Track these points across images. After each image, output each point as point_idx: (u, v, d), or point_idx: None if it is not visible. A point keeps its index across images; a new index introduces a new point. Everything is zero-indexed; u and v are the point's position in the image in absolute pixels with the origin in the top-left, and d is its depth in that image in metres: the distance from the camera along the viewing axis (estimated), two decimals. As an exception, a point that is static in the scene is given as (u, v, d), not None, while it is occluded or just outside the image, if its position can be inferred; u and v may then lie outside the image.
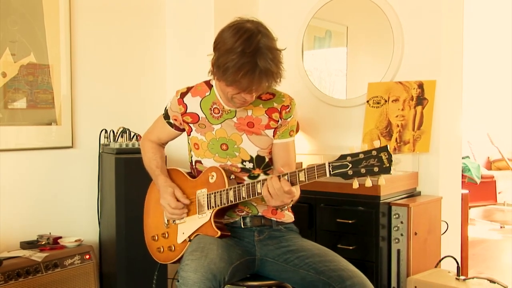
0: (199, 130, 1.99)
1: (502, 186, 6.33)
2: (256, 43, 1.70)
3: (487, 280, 2.37)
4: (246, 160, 1.96)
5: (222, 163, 1.96)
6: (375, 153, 1.58)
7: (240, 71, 1.69)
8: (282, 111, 1.95)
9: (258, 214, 1.97)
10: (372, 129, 3.00)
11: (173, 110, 2.03)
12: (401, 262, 2.54)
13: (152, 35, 3.37)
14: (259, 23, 1.78)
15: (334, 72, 3.43)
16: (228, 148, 1.96)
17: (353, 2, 3.18)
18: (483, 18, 6.68)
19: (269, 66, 1.70)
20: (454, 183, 3.08)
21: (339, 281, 1.73)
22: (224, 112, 1.95)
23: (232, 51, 1.70)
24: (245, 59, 1.68)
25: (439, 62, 2.87)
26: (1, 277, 2.36)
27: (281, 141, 1.98)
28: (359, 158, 1.60)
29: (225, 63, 1.71)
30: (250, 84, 1.72)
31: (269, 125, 1.95)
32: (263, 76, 1.71)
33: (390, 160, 1.56)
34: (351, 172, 1.61)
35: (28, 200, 2.81)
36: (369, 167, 1.58)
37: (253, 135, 1.95)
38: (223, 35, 1.76)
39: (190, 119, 1.99)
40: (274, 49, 1.75)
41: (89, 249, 2.76)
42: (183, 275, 1.66)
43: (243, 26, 1.75)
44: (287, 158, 1.99)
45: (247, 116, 1.95)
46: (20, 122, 2.76)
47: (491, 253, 4.82)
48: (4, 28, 2.67)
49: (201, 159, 1.99)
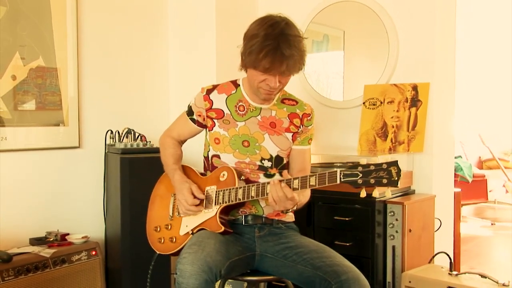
0: (222, 126, 1.97)
1: (493, 184, 6.34)
2: (280, 29, 1.75)
3: (478, 275, 2.37)
4: (266, 159, 1.96)
5: (241, 159, 1.95)
6: (386, 166, 1.60)
7: (262, 51, 1.73)
8: (304, 118, 1.98)
9: (262, 215, 1.97)
10: (368, 129, 3.00)
11: (197, 106, 2.01)
12: (396, 258, 2.53)
13: (155, 37, 3.36)
14: (285, 17, 1.83)
15: (332, 74, 3.43)
16: (249, 145, 1.95)
17: (350, 8, 3.17)
18: (476, 22, 6.68)
19: (291, 50, 1.73)
20: (447, 182, 3.07)
21: (335, 276, 1.72)
22: (249, 110, 1.96)
23: (257, 36, 1.76)
24: (268, 41, 1.73)
25: (432, 65, 2.87)
26: (11, 272, 2.36)
27: (299, 148, 2.01)
28: (370, 169, 1.62)
29: (250, 46, 1.77)
30: (271, 65, 1.74)
31: (289, 129, 1.97)
32: (283, 59, 1.73)
33: (399, 175, 1.59)
34: (360, 181, 1.62)
35: (37, 198, 2.81)
36: (378, 179, 1.60)
37: (274, 135, 1.96)
38: (250, 26, 1.83)
39: (215, 115, 1.98)
40: (297, 36, 1.79)
41: (96, 245, 2.76)
42: (180, 267, 1.66)
43: (268, 16, 1.81)
44: (303, 164, 2.02)
45: (271, 116, 1.96)
46: (29, 123, 2.75)
47: (482, 249, 4.81)
48: (14, 33, 2.67)
49: (220, 153, 1.97)
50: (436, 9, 2.86)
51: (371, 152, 2.95)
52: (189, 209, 1.92)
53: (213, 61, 3.18)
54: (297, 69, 1.81)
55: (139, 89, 3.28)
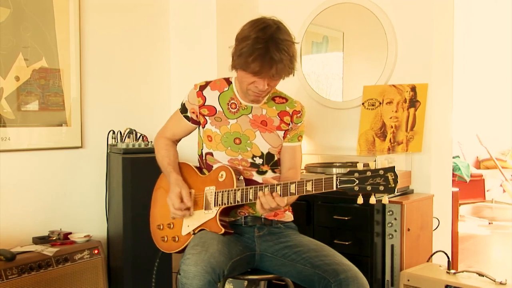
0: (214, 123, 1.97)
1: (490, 184, 6.33)
2: (271, 33, 1.74)
3: (476, 274, 2.37)
4: (257, 156, 1.96)
5: (233, 156, 1.95)
6: (382, 172, 1.57)
7: (252, 55, 1.72)
8: (294, 115, 1.98)
9: (261, 216, 1.97)
10: (367, 130, 3.00)
11: (191, 103, 2.00)
12: (394, 257, 2.53)
13: (156, 38, 3.36)
14: (278, 20, 1.82)
15: (331, 75, 3.43)
16: (241, 142, 1.95)
17: (349, 9, 3.17)
18: (473, 23, 6.68)
19: (280, 55, 1.72)
20: (445, 182, 3.07)
21: (334, 274, 1.73)
22: (241, 108, 1.95)
23: (247, 38, 1.75)
24: (258, 45, 1.72)
25: (431, 66, 2.87)
26: (14, 270, 2.36)
27: (289, 145, 2.01)
28: (366, 175, 1.59)
29: (240, 49, 1.76)
30: (260, 68, 1.74)
31: (280, 127, 1.97)
32: (273, 62, 1.73)
33: (396, 181, 1.55)
34: (357, 188, 1.60)
35: (40, 197, 2.81)
36: (375, 185, 1.57)
37: (266, 132, 1.96)
38: (243, 28, 1.82)
39: (207, 112, 1.98)
40: (288, 41, 1.77)
41: (98, 244, 2.76)
42: (184, 268, 1.66)
43: (261, 19, 1.80)
44: (293, 161, 2.01)
45: (262, 114, 1.96)
46: (32, 124, 2.76)
47: (480, 248, 4.81)
48: (17, 34, 2.67)
49: (212, 151, 1.97)
50: (434, 10, 2.86)
51: (370, 152, 2.95)
52: (175, 213, 1.91)
53: (213, 62, 3.18)
54: (286, 73, 1.80)
55: (141, 90, 3.28)
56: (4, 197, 2.66)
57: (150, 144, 2.88)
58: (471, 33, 6.68)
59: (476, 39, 6.90)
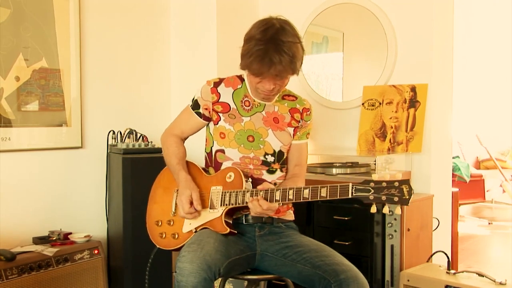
0: (227, 120, 1.97)
1: (490, 184, 6.33)
2: (271, 34, 1.75)
3: (476, 274, 2.37)
4: (269, 154, 1.97)
5: (245, 154, 1.95)
6: (397, 184, 1.59)
7: (251, 56, 1.75)
8: (304, 113, 2.02)
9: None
10: (367, 130, 3.00)
11: (204, 99, 1.98)
12: (394, 257, 2.53)
13: (157, 38, 3.36)
14: (284, 21, 1.83)
15: (331, 76, 3.43)
16: (254, 140, 1.96)
17: (349, 10, 3.17)
18: (473, 24, 6.68)
19: (279, 56, 1.73)
20: (445, 182, 3.07)
21: (334, 275, 1.72)
22: (254, 105, 1.97)
23: (251, 39, 1.78)
24: (258, 46, 1.74)
25: (430, 67, 2.87)
26: (14, 270, 2.36)
27: (298, 142, 2.04)
28: (382, 186, 1.61)
29: (245, 49, 1.79)
30: (260, 69, 1.76)
31: (290, 124, 2.00)
32: (271, 64, 1.74)
33: (410, 194, 1.58)
34: (372, 197, 1.62)
35: (40, 197, 2.81)
36: (390, 196, 1.59)
37: (277, 130, 1.98)
38: (251, 27, 1.84)
39: (221, 109, 1.97)
40: (289, 42, 1.77)
41: (98, 244, 2.76)
42: (180, 265, 1.66)
43: (266, 20, 1.82)
44: (300, 158, 2.05)
45: (274, 111, 1.98)
46: (33, 124, 2.75)
47: (480, 248, 4.81)
48: (18, 34, 2.67)
49: (224, 148, 1.96)
50: (434, 11, 2.86)
51: (370, 152, 2.95)
52: (184, 217, 1.91)
53: (214, 62, 3.18)
54: (290, 73, 1.81)
55: (141, 90, 3.28)
56: (4, 197, 2.66)
57: (150, 144, 2.88)
58: (471, 33, 6.68)
59: (476, 39, 6.90)
